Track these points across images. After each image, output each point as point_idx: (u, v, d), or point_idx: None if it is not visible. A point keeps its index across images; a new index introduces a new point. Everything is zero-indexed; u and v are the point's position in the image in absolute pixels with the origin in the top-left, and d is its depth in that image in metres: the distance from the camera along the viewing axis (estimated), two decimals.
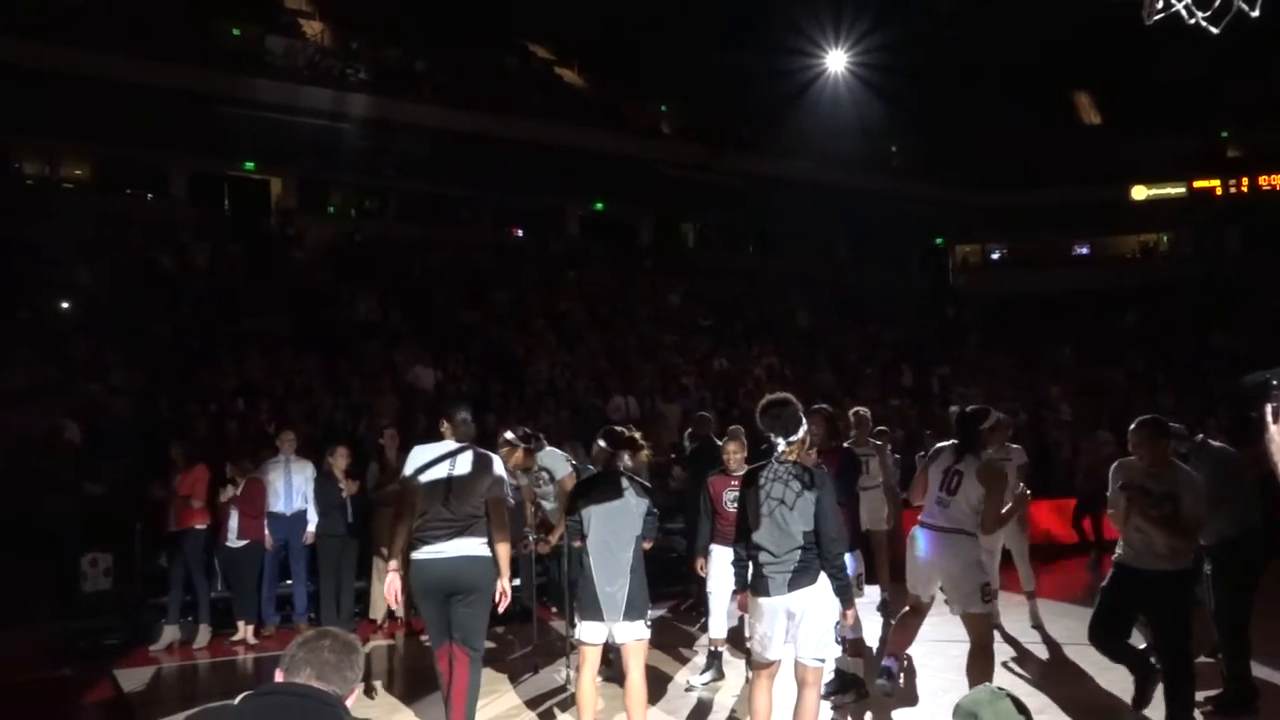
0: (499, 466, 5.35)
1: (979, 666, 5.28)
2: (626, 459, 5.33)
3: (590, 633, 5.06)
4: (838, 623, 4.77)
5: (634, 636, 5.07)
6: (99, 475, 9.89)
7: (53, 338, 13.17)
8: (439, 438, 5.38)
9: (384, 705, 6.54)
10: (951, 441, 5.57)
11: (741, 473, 6.01)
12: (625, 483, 5.20)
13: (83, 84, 18.26)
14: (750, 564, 4.74)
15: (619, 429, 5.47)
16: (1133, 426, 5.45)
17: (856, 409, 8.49)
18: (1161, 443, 5.35)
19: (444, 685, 5.14)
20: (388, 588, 5.34)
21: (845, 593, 4.65)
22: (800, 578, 4.57)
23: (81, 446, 10.14)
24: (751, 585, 4.73)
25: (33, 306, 14.03)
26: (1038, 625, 8.04)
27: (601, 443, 5.36)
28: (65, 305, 14.48)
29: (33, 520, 8.44)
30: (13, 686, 7.23)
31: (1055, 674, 6.87)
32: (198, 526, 8.42)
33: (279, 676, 2.59)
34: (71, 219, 17.41)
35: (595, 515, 5.10)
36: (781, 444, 4.67)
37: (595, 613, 5.02)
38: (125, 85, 18.59)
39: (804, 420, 4.78)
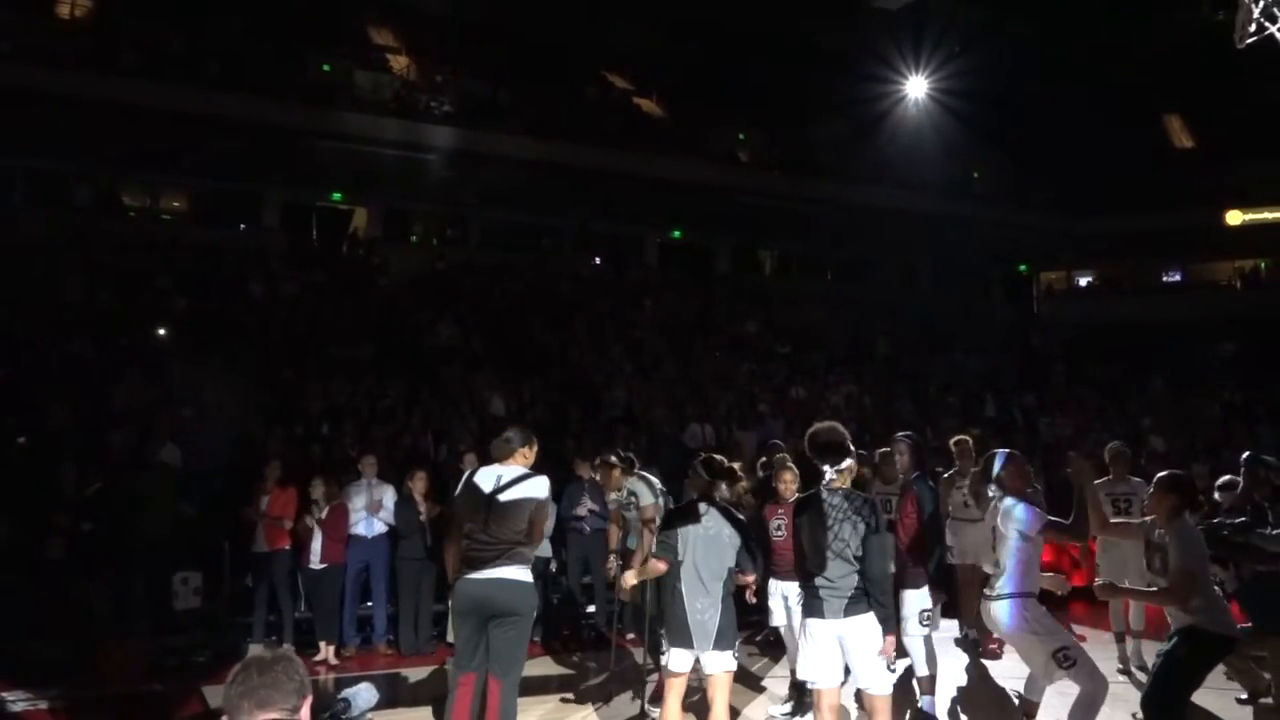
0: (544, 489, 5.26)
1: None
2: (724, 489, 5.27)
3: (678, 660, 5.03)
4: (880, 651, 4.69)
5: (722, 667, 5.02)
6: (192, 496, 10.21)
7: (152, 362, 13.65)
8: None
9: None
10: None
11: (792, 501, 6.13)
12: (720, 513, 5.13)
13: (182, 120, 19.06)
14: (806, 588, 4.77)
15: (718, 458, 5.36)
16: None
17: (958, 437, 8.42)
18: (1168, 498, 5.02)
19: (453, 715, 5.05)
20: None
21: (888, 621, 4.67)
22: (855, 605, 4.63)
23: (178, 467, 10.47)
24: (805, 607, 4.78)
25: (133, 333, 14.58)
26: (1141, 665, 7.76)
27: (700, 471, 5.27)
28: (163, 332, 15.01)
29: (130, 538, 8.72)
30: (108, 699, 7.52)
31: None
32: (285, 547, 8.66)
33: None
34: (170, 249, 18.16)
35: (689, 541, 5.04)
36: (830, 473, 4.74)
37: (684, 639, 4.97)
38: (222, 121, 19.34)
39: (851, 449, 4.86)
